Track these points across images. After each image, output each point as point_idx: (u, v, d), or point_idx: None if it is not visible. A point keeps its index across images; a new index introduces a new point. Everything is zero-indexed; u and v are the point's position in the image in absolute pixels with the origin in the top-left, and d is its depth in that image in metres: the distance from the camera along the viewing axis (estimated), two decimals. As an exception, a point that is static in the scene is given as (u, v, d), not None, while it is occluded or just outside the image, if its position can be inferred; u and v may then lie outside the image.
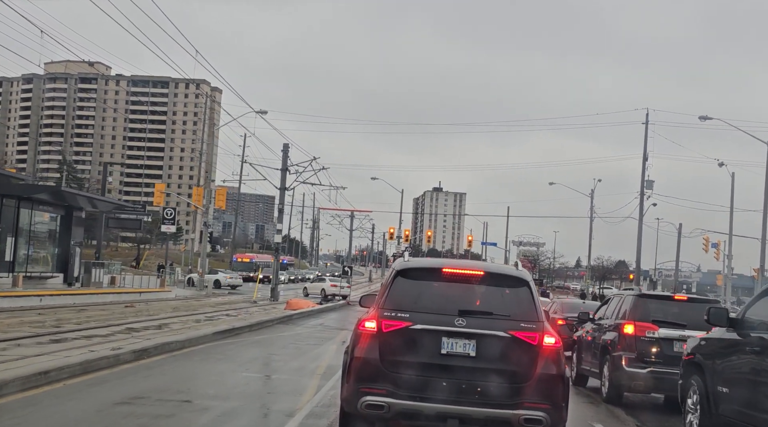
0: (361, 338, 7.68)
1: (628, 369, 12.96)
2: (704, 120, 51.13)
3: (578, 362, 16.16)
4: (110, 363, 12.89)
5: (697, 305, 13.56)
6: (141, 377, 12.15)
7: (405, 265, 8.30)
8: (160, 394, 10.66)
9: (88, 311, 26.82)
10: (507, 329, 7.59)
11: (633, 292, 14.57)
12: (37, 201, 33.69)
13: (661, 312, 13.55)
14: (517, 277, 8.20)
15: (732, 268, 61.63)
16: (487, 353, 7.51)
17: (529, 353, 7.55)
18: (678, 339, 12.87)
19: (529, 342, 7.57)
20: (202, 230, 55.23)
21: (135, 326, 21.05)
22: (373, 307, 8.05)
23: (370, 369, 7.50)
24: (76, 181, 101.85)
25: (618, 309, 14.30)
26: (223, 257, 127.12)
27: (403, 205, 79.68)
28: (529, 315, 7.79)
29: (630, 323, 13.29)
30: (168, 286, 47.60)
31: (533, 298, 8.00)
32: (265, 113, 51.85)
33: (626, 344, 13.19)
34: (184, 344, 17.07)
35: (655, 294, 15.15)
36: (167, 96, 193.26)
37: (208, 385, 12.00)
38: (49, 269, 35.87)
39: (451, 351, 7.50)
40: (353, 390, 7.54)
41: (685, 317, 13.21)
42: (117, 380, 11.63)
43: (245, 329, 23.00)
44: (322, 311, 37.81)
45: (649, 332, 13.04)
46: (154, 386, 11.32)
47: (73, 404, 9.57)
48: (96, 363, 12.41)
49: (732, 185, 59.43)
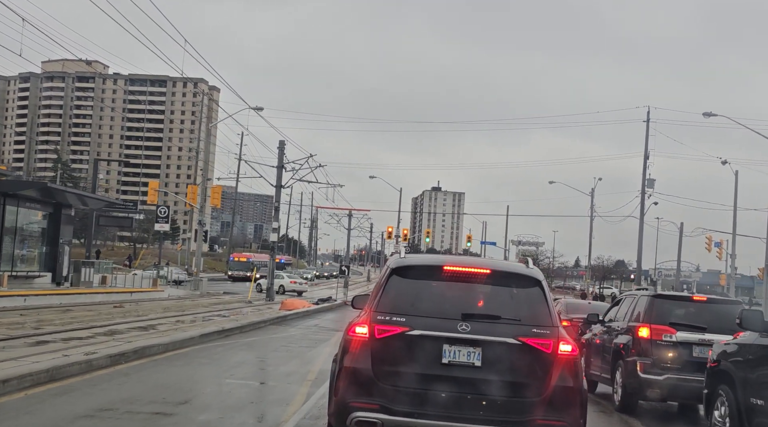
0: (351, 346, 6.85)
1: (644, 376, 11.96)
2: (708, 116, 50.13)
3: (587, 366, 15.30)
4: (82, 369, 11.88)
5: (718, 307, 12.65)
6: (114, 385, 11.12)
7: (401, 262, 7.43)
8: (130, 405, 9.64)
9: (73, 311, 25.82)
10: (517, 335, 6.76)
11: (647, 292, 13.44)
12: (25, 198, 32.66)
13: (678, 314, 12.58)
14: (528, 276, 7.32)
15: (736, 267, 60.79)
16: (494, 362, 6.69)
17: (543, 362, 6.75)
18: (698, 343, 11.93)
19: (542, 350, 6.76)
20: (197, 229, 54.18)
21: (119, 327, 20.06)
22: (365, 309, 7.24)
23: (361, 381, 6.68)
24: (72, 180, 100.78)
25: (631, 311, 13.30)
26: (221, 256, 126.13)
27: (401, 205, 78.78)
28: (542, 319, 6.95)
29: (645, 325, 12.29)
30: (161, 285, 46.63)
31: (546, 299, 7.15)
32: (261, 110, 50.90)
33: (641, 349, 12.20)
34: (168, 347, 16.07)
35: (672, 294, 14.12)
36: (165, 95, 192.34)
37: (186, 393, 10.96)
38: (37, 268, 34.82)
39: (454, 360, 6.70)
40: (342, 405, 6.74)
41: (704, 319, 12.24)
42: (87, 389, 10.60)
43: (236, 331, 21.99)
44: (319, 312, 36.82)
45: (666, 336, 12.05)
46: (127, 396, 10.30)
47: (27, 419, 8.51)
48: (65, 370, 11.40)
49: (735, 183, 58.58)
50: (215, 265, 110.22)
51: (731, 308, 12.41)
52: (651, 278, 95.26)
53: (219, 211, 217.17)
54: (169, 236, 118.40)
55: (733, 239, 59.14)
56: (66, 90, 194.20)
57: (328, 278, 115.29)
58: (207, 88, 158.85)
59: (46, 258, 35.23)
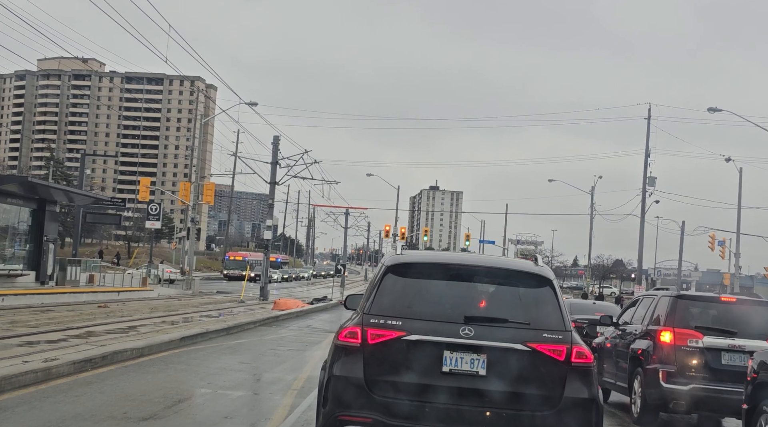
0: (341, 352, 6.25)
1: (667, 385, 10.72)
2: (713, 112, 48.97)
3: (598, 373, 14.11)
4: (38, 379, 10.57)
5: (748, 308, 11.39)
6: (70, 398, 9.79)
7: (397, 259, 6.79)
8: (82, 422, 8.35)
9: (53, 312, 24.56)
10: (526, 341, 6.16)
11: (669, 292, 12.14)
12: (6, 193, 31.32)
13: (704, 316, 11.35)
14: (538, 274, 6.66)
15: (740, 267, 59.69)
16: (500, 370, 6.10)
17: (555, 371, 6.15)
18: (727, 349, 10.72)
19: (554, 357, 6.16)
20: (189, 227, 52.89)
21: (97, 329, 18.80)
22: (357, 311, 6.69)
23: (352, 391, 6.10)
24: (65, 178, 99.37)
25: (650, 313, 12.04)
26: (217, 255, 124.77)
27: (399, 203, 77.50)
28: (554, 323, 6.32)
29: (668, 329, 11.06)
30: (151, 284, 45.33)
31: (558, 301, 6.50)
32: (255, 105, 49.71)
33: (663, 355, 10.96)
34: (142, 351, 14.77)
35: (698, 295, 12.83)
36: (162, 93, 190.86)
37: (152, 406, 9.64)
38: (20, 266, 33.48)
39: (455, 368, 6.11)
40: (330, 418, 6.19)
41: (734, 323, 11.00)
42: (35, 402, 9.26)
43: (221, 333, 20.69)
44: (313, 312, 35.54)
45: (691, 341, 10.81)
46: (81, 410, 8.99)
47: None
48: (17, 379, 10.09)
49: (740, 181, 57.50)
50: (212, 264, 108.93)
51: (763, 310, 11.33)
52: (650, 277, 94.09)
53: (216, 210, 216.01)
54: (165, 235, 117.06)
55: (738, 238, 58.09)
56: (62, 88, 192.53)
57: (325, 276, 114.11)
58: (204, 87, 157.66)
59: (29, 256, 33.89)
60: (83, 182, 45.07)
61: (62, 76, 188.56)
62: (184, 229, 57.62)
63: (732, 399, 10.13)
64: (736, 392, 9.90)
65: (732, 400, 10.13)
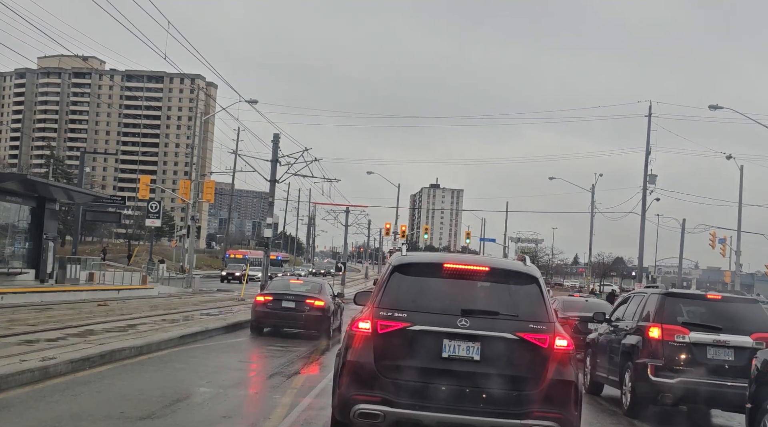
0: (354, 340, 7.11)
1: (655, 379, 11.16)
2: (714, 109, 48.90)
3: (592, 368, 14.38)
4: (35, 378, 10.57)
5: (733, 305, 11.76)
6: (66, 397, 9.78)
7: (402, 260, 7.62)
8: (78, 422, 8.33)
9: (53, 310, 24.51)
10: (515, 331, 7.00)
11: (658, 290, 12.59)
12: (6, 191, 31.24)
13: (691, 313, 11.84)
14: (526, 273, 7.53)
15: (741, 264, 59.66)
16: (492, 356, 6.94)
17: (539, 356, 6.97)
18: (712, 344, 11.11)
19: (539, 345, 6.98)
20: (190, 225, 52.83)
21: (96, 327, 18.75)
22: (367, 305, 7.45)
23: (364, 374, 6.93)
24: (66, 176, 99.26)
25: (640, 310, 12.40)
26: (218, 253, 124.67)
27: (399, 201, 77.44)
28: (539, 315, 7.17)
29: (656, 325, 11.47)
30: (151, 283, 45.23)
31: (543, 296, 7.39)
32: (255, 102, 49.67)
33: (652, 350, 11.38)
34: (141, 349, 14.75)
35: (685, 293, 13.44)
36: (162, 91, 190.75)
37: (150, 406, 9.63)
38: (20, 264, 33.40)
39: (453, 355, 6.94)
40: (345, 398, 6.98)
41: (719, 319, 11.41)
42: (31, 402, 9.26)
43: (221, 331, 20.68)
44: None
45: (678, 336, 11.24)
46: (78, 410, 8.98)
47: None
48: (13, 378, 10.09)
49: (741, 179, 57.43)
50: (212, 262, 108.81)
51: (748, 307, 11.74)
52: (651, 275, 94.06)
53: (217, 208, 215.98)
54: (165, 233, 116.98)
55: (738, 236, 58.02)
56: (62, 86, 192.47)
57: (325, 275, 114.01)
58: (204, 85, 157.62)
59: (29, 254, 33.83)
60: (83, 180, 45.00)
61: (62, 74, 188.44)
62: (185, 227, 57.48)
63: (717, 391, 10.66)
64: (720, 385, 10.52)
65: (717, 392, 10.66)
